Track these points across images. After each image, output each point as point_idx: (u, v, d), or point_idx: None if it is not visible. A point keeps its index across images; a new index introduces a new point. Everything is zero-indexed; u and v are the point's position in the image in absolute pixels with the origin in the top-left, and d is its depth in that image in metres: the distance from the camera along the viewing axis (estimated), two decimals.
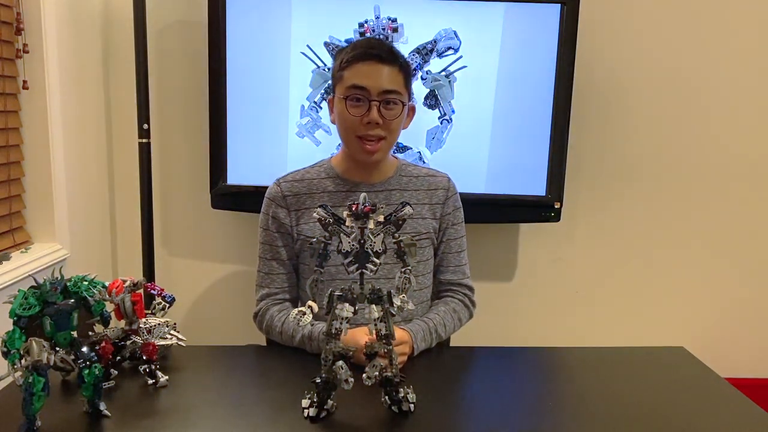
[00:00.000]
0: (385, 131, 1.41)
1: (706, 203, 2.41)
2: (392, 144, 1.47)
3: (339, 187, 1.51)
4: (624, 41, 2.30)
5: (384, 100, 1.39)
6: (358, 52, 1.40)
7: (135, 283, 1.22)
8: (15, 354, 0.97)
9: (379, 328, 1.06)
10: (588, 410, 1.16)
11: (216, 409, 1.11)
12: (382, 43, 1.45)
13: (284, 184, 1.52)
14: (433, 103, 2.10)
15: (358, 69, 1.39)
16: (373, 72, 1.38)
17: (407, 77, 1.44)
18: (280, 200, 1.50)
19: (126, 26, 2.15)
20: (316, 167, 1.56)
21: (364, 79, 1.38)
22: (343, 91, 1.41)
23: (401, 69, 1.42)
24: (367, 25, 2.05)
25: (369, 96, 1.38)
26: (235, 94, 2.10)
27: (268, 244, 1.51)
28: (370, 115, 1.38)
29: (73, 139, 2.03)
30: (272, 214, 1.50)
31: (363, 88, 1.38)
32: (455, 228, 1.57)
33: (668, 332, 2.50)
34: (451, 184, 1.58)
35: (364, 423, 1.07)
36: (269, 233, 1.51)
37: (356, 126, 1.41)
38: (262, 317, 1.50)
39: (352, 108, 1.39)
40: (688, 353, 1.42)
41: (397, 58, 1.42)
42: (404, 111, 1.43)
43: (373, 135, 1.40)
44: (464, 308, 1.56)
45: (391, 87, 1.39)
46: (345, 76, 1.40)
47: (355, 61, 1.39)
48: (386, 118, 1.40)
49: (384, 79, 1.38)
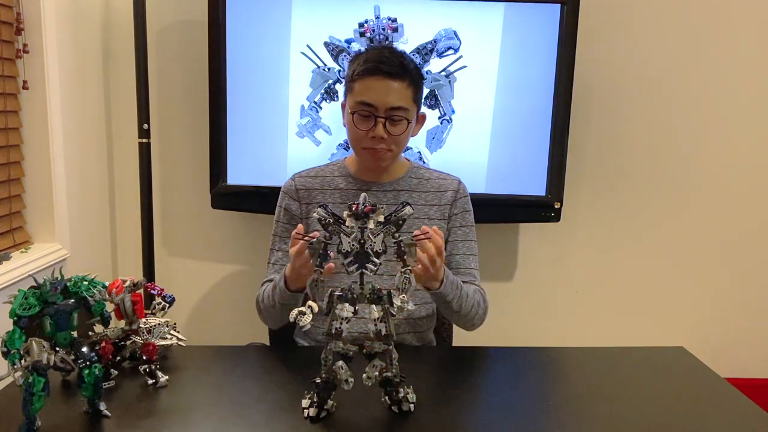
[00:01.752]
0: (391, 144, 1.45)
1: (706, 203, 2.41)
2: (399, 153, 1.52)
3: (350, 185, 1.55)
4: (624, 41, 2.30)
5: (390, 117, 1.42)
6: (369, 66, 1.42)
7: (135, 283, 1.22)
8: (15, 354, 0.97)
9: (379, 328, 1.06)
10: (588, 410, 1.16)
11: (216, 409, 1.11)
12: (394, 56, 1.44)
13: (299, 179, 1.58)
14: (433, 103, 2.10)
15: (368, 84, 1.42)
16: (381, 88, 1.41)
17: (417, 90, 1.47)
18: (293, 193, 1.56)
19: (126, 26, 2.16)
20: (331, 165, 1.61)
21: (372, 96, 1.41)
22: (352, 105, 1.45)
23: (411, 83, 1.44)
24: (367, 25, 2.05)
25: (376, 112, 1.42)
26: (235, 94, 2.10)
27: (278, 236, 1.55)
28: (376, 130, 1.42)
29: (73, 139, 2.03)
30: (285, 206, 1.56)
31: (370, 105, 1.42)
32: (463, 230, 1.56)
33: (668, 332, 2.50)
34: (462, 187, 1.59)
35: (364, 423, 1.07)
36: (280, 225, 1.56)
37: (363, 139, 1.45)
38: (256, 300, 1.50)
39: (359, 123, 1.44)
40: (688, 353, 1.42)
41: (407, 73, 1.43)
42: (410, 126, 1.47)
43: (378, 149, 1.45)
44: (482, 298, 1.50)
45: (398, 104, 1.42)
46: (355, 89, 1.44)
47: (366, 74, 1.42)
48: (391, 134, 1.43)
49: (392, 96, 1.41)
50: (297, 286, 1.35)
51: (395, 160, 1.53)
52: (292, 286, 1.35)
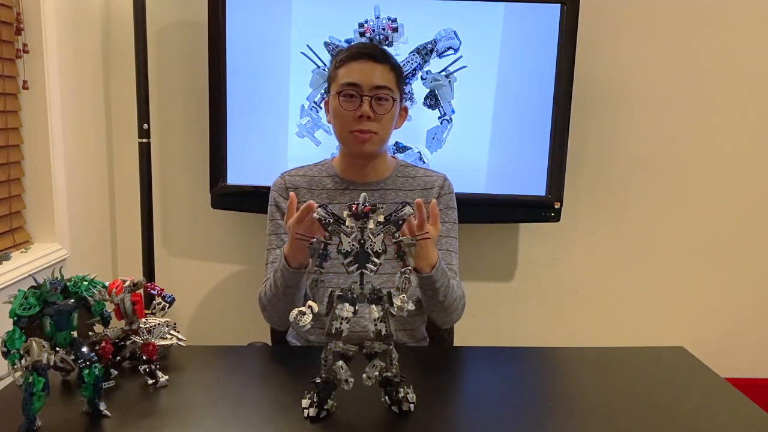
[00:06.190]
0: (377, 126, 1.47)
1: (706, 203, 2.41)
2: (385, 139, 1.51)
3: (337, 185, 1.56)
4: (624, 41, 2.30)
5: (375, 96, 1.45)
6: (352, 52, 1.49)
7: (135, 283, 1.22)
8: (15, 354, 0.97)
9: (379, 328, 1.06)
10: (588, 410, 1.16)
11: (216, 409, 1.11)
12: (376, 46, 1.55)
13: (288, 177, 1.59)
14: (433, 103, 2.10)
15: (352, 67, 1.47)
16: (366, 69, 1.46)
17: (399, 77, 1.51)
18: (283, 191, 1.56)
19: (126, 26, 2.16)
20: (319, 165, 1.61)
21: (356, 76, 1.46)
22: (337, 87, 1.48)
23: (392, 68, 1.49)
24: (367, 25, 2.05)
25: (361, 91, 1.45)
26: (235, 94, 2.10)
27: (274, 234, 1.55)
28: (362, 108, 1.45)
29: (73, 139, 2.03)
30: (276, 203, 1.56)
31: (355, 85, 1.45)
32: (446, 226, 1.54)
33: (668, 332, 2.50)
34: (447, 183, 1.59)
35: (364, 423, 1.07)
36: (274, 223, 1.55)
37: (349, 121, 1.47)
38: (259, 297, 1.50)
39: (345, 103, 1.46)
40: (688, 353, 1.42)
41: (388, 59, 1.50)
42: (395, 107, 1.49)
43: (365, 129, 1.46)
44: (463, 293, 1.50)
45: (383, 83, 1.46)
46: (339, 74, 1.49)
47: (349, 60, 1.48)
48: (377, 113, 1.46)
49: (376, 76, 1.46)
50: (298, 261, 1.34)
51: (379, 149, 1.52)
52: (293, 262, 1.35)
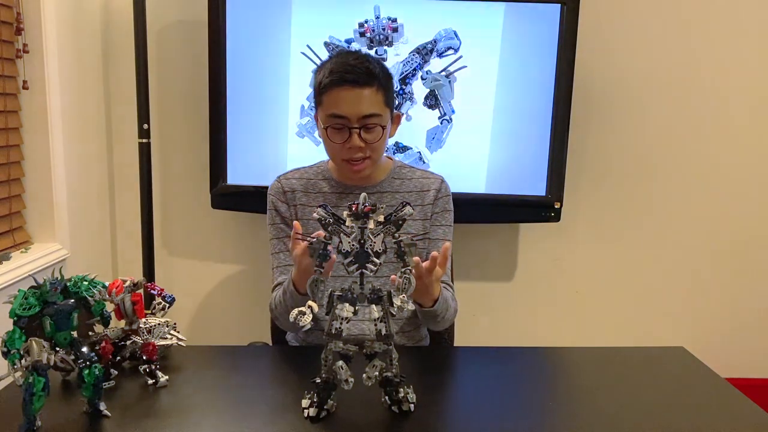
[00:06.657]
0: (368, 152, 1.43)
1: (706, 203, 2.41)
2: (379, 158, 1.49)
3: (333, 189, 1.54)
4: (624, 41, 2.30)
5: (364, 125, 1.39)
6: (335, 78, 1.38)
7: (135, 283, 1.22)
8: (15, 354, 0.97)
9: (379, 328, 1.06)
10: (587, 410, 1.16)
11: (216, 409, 1.11)
12: (359, 62, 1.40)
13: (284, 180, 1.57)
14: (433, 103, 2.10)
15: (336, 95, 1.38)
16: (351, 98, 1.37)
17: (387, 93, 1.42)
18: (280, 195, 1.55)
19: (126, 26, 2.16)
20: (315, 167, 1.59)
21: (342, 107, 1.38)
22: (324, 118, 1.42)
23: (380, 87, 1.40)
24: (367, 25, 2.05)
25: (349, 123, 1.39)
26: (235, 94, 2.10)
27: (276, 238, 1.54)
28: (351, 141, 1.39)
29: (73, 139, 2.03)
30: (275, 207, 1.54)
31: (342, 117, 1.39)
32: (442, 229, 1.54)
33: (668, 332, 2.50)
34: (444, 186, 1.57)
35: (364, 423, 1.07)
36: (275, 227, 1.54)
37: (340, 151, 1.43)
38: (270, 307, 1.49)
39: (334, 136, 1.41)
40: (688, 353, 1.42)
41: (374, 78, 1.39)
42: (386, 131, 1.44)
43: (357, 159, 1.43)
44: (456, 302, 1.51)
45: (370, 111, 1.39)
46: (324, 102, 1.41)
47: (333, 86, 1.38)
48: (368, 142, 1.41)
49: (362, 104, 1.38)
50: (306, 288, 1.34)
51: (374, 168, 1.50)
52: (302, 288, 1.33)
